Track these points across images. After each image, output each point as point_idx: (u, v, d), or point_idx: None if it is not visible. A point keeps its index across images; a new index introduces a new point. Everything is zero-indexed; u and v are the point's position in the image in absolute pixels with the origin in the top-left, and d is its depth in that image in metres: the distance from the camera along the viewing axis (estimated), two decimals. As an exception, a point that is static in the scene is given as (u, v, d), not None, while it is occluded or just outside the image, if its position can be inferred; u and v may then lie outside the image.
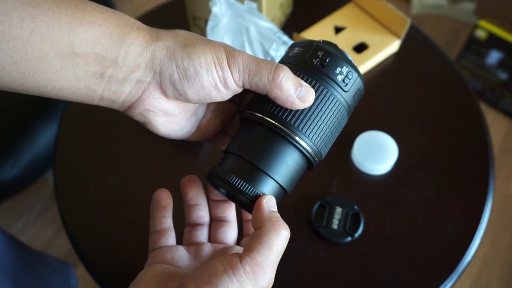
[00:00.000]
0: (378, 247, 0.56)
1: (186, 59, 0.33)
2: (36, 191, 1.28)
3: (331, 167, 0.61)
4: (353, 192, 0.60)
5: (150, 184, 0.62)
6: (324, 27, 0.73)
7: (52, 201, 1.26)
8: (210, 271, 0.31)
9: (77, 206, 0.60)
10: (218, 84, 0.34)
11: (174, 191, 0.60)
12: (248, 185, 0.34)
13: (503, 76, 1.40)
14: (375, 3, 0.72)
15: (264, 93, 0.35)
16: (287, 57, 0.38)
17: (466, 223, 0.58)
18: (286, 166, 0.36)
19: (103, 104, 0.35)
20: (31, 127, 0.88)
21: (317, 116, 0.36)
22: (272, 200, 0.35)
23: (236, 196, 0.35)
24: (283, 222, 0.33)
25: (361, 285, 0.53)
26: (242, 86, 0.35)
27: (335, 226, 0.56)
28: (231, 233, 0.42)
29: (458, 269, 0.55)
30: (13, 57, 0.31)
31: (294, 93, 0.34)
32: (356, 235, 0.56)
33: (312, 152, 0.36)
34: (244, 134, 0.37)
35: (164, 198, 0.41)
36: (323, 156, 0.38)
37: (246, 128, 0.37)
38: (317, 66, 0.36)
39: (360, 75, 0.38)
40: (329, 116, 0.36)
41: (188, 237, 0.42)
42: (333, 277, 0.54)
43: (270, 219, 0.33)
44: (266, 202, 0.34)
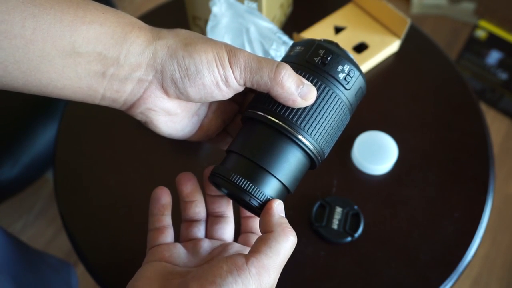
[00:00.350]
0: (378, 247, 0.56)
1: (188, 58, 0.33)
2: (36, 191, 1.28)
3: (331, 167, 0.61)
4: (353, 192, 0.60)
5: (150, 184, 0.61)
6: (324, 27, 0.73)
7: (52, 201, 1.26)
8: (215, 271, 0.31)
9: (77, 206, 0.60)
10: (220, 83, 0.34)
11: (174, 191, 0.60)
12: (252, 184, 0.34)
13: (503, 76, 1.40)
14: (375, 3, 0.72)
15: (266, 91, 0.35)
16: (289, 56, 0.38)
17: (466, 223, 0.58)
18: (289, 165, 0.35)
19: (105, 104, 0.35)
20: (31, 127, 0.88)
21: (319, 114, 0.35)
22: (282, 206, 0.35)
23: (239, 196, 0.35)
24: (292, 229, 0.33)
25: (361, 285, 0.53)
26: (244, 85, 0.35)
27: (335, 226, 0.56)
28: (228, 229, 0.42)
29: (458, 269, 0.55)
30: (15, 56, 0.31)
31: (296, 91, 0.34)
32: (356, 235, 0.56)
33: (315, 151, 0.36)
34: (247, 133, 0.37)
35: (163, 196, 0.41)
36: (326, 155, 0.38)
37: (248, 127, 0.37)
38: (319, 64, 0.36)
39: (362, 74, 0.37)
40: (332, 115, 0.36)
41: (185, 234, 0.41)
42: (333, 277, 0.54)
43: (281, 225, 0.33)
44: (277, 207, 0.34)
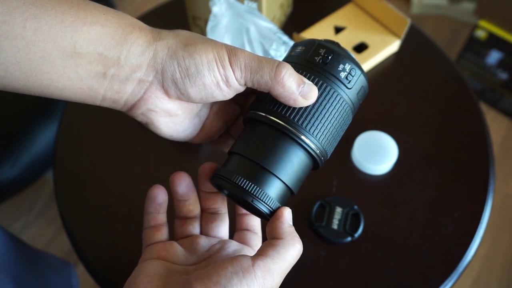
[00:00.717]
0: (378, 247, 0.56)
1: (188, 58, 0.33)
2: (36, 191, 1.28)
3: (331, 167, 0.61)
4: (353, 192, 0.60)
5: (150, 184, 0.61)
6: (324, 27, 0.73)
7: (52, 201, 1.26)
8: (219, 272, 0.31)
9: (77, 206, 0.60)
10: (220, 83, 0.34)
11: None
12: (255, 186, 0.34)
13: (503, 76, 1.40)
14: (375, 3, 0.72)
15: (267, 91, 0.35)
16: (290, 56, 0.38)
17: (466, 223, 0.58)
18: (292, 166, 0.35)
19: (106, 105, 0.35)
20: (31, 127, 0.88)
21: (321, 114, 0.35)
22: (291, 214, 0.35)
23: (242, 197, 0.34)
24: (299, 238, 0.34)
25: (361, 285, 0.53)
26: (245, 84, 0.35)
27: (335, 226, 0.56)
28: (224, 226, 0.42)
29: (458, 269, 0.55)
30: (16, 57, 0.31)
31: (297, 90, 0.34)
32: (356, 235, 0.56)
33: (318, 151, 0.35)
34: (248, 134, 0.36)
35: (160, 195, 0.41)
36: (329, 156, 0.37)
37: (250, 128, 0.37)
38: (320, 64, 0.36)
39: (364, 73, 0.37)
40: (334, 114, 0.36)
41: (180, 231, 0.41)
42: (333, 277, 0.54)
43: (290, 233, 0.34)
44: (287, 215, 0.35)
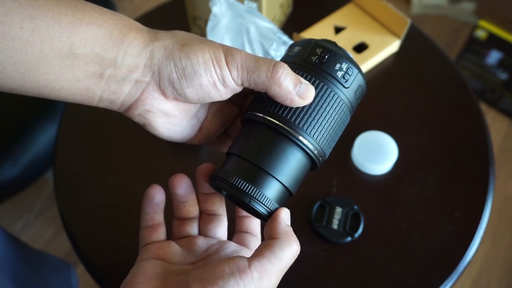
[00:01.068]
0: (378, 247, 0.56)
1: (184, 58, 0.33)
2: (36, 191, 1.28)
3: (331, 167, 0.61)
4: (353, 192, 0.60)
5: (150, 184, 0.62)
6: (324, 27, 0.73)
7: (52, 201, 1.26)
8: (216, 273, 0.31)
9: (77, 206, 0.60)
10: (217, 83, 0.34)
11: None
12: (253, 187, 0.34)
13: (503, 76, 1.40)
14: (375, 3, 0.72)
15: (264, 91, 0.35)
16: (287, 57, 0.38)
17: (466, 223, 0.58)
18: (290, 167, 0.35)
19: (102, 105, 0.35)
20: (31, 127, 0.88)
21: (318, 114, 0.35)
22: (289, 214, 0.35)
23: (240, 198, 0.34)
24: (296, 238, 0.34)
25: (361, 285, 0.53)
26: (241, 84, 0.35)
27: (335, 226, 0.56)
28: (222, 227, 0.42)
29: (458, 269, 0.55)
30: (13, 58, 0.31)
31: (294, 90, 0.34)
32: (356, 235, 0.56)
33: (316, 152, 0.35)
34: (246, 135, 0.36)
35: (157, 195, 0.41)
36: (327, 156, 0.37)
37: (248, 129, 0.37)
38: (316, 63, 0.36)
39: (361, 72, 0.37)
40: (331, 114, 0.35)
41: (178, 231, 0.41)
42: (333, 277, 0.54)
43: (286, 233, 0.33)
44: (284, 215, 0.35)
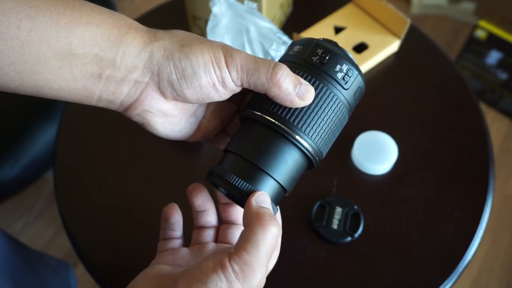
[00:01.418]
0: (378, 247, 0.56)
1: (184, 59, 0.33)
2: (36, 191, 1.28)
3: (331, 167, 0.61)
4: (353, 192, 0.60)
5: (150, 184, 0.62)
6: (324, 27, 0.73)
7: (52, 201, 1.26)
8: (202, 269, 0.31)
9: (77, 206, 0.60)
10: (216, 84, 0.34)
11: (174, 191, 0.60)
12: (247, 184, 0.34)
13: (503, 76, 1.40)
14: (375, 3, 0.72)
15: (263, 92, 0.35)
16: (287, 56, 0.38)
17: (466, 223, 0.58)
18: (286, 165, 0.35)
19: (101, 105, 0.35)
20: (31, 127, 0.88)
21: (317, 114, 0.35)
22: (263, 196, 0.33)
23: (235, 195, 0.35)
24: (272, 218, 0.32)
25: (361, 285, 0.53)
26: (241, 85, 0.35)
27: (335, 226, 0.56)
28: (238, 235, 0.41)
29: (458, 269, 0.55)
30: (11, 58, 0.31)
31: (293, 91, 0.34)
32: (356, 235, 0.56)
33: (313, 151, 0.36)
34: (244, 133, 0.37)
35: (173, 215, 0.41)
36: (324, 155, 0.38)
37: (246, 127, 0.37)
38: (317, 64, 0.36)
39: (361, 73, 0.37)
40: (330, 114, 0.36)
41: (195, 238, 0.42)
42: (333, 277, 0.54)
43: (257, 216, 0.31)
44: (256, 198, 0.33)
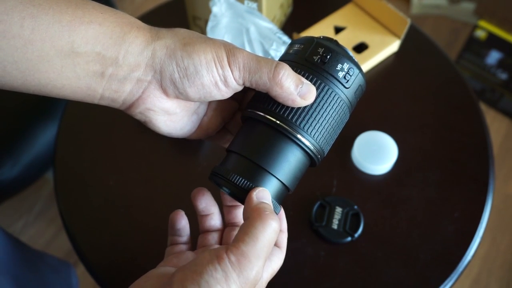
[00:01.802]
0: (378, 247, 0.56)
1: (186, 58, 0.33)
2: (36, 191, 1.28)
3: (331, 167, 0.61)
4: (353, 192, 0.60)
5: (150, 184, 0.62)
6: (324, 27, 0.73)
7: (52, 201, 1.26)
8: (197, 261, 0.31)
9: (77, 206, 0.60)
10: (219, 83, 0.34)
11: (174, 191, 0.60)
12: (251, 184, 0.34)
13: (503, 76, 1.40)
14: (375, 3, 0.72)
15: (265, 91, 0.35)
16: (288, 54, 0.38)
17: (466, 223, 0.58)
18: (289, 164, 0.35)
19: (104, 103, 0.35)
20: (31, 127, 0.88)
21: (319, 114, 0.35)
22: (263, 192, 0.34)
23: (239, 195, 0.35)
24: (272, 213, 0.32)
25: (361, 285, 0.53)
26: (243, 84, 0.35)
27: (335, 226, 0.56)
28: None
29: (458, 269, 0.55)
30: (14, 56, 0.31)
31: (295, 91, 0.34)
32: (356, 235, 0.56)
33: (314, 150, 0.36)
34: (246, 133, 0.37)
35: (178, 221, 0.41)
36: (326, 153, 0.38)
37: (248, 127, 0.37)
38: (318, 63, 0.36)
39: (361, 71, 0.37)
40: (331, 113, 0.36)
41: (201, 242, 0.42)
42: (333, 277, 0.54)
43: (257, 210, 0.32)
44: (256, 194, 0.33)
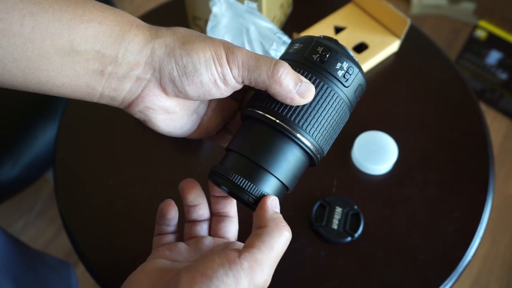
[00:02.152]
0: (378, 247, 0.56)
1: (185, 56, 0.34)
2: (36, 191, 1.28)
3: (331, 167, 0.61)
4: (353, 192, 0.60)
5: (150, 184, 0.62)
6: (324, 27, 0.73)
7: (52, 201, 1.26)
8: (206, 264, 0.31)
9: (77, 206, 0.60)
10: (218, 81, 0.34)
11: (174, 190, 0.60)
12: (250, 183, 0.34)
13: (503, 76, 1.40)
14: (375, 3, 0.72)
15: (264, 89, 0.35)
16: (288, 54, 0.38)
17: (466, 223, 0.58)
18: (288, 164, 0.35)
19: (103, 102, 0.36)
20: (31, 127, 0.88)
21: (318, 112, 0.35)
22: (276, 201, 0.35)
23: (238, 194, 0.35)
24: (286, 224, 0.33)
25: (361, 285, 0.53)
26: (242, 82, 0.35)
27: (335, 226, 0.56)
28: (232, 228, 0.41)
29: (458, 269, 0.55)
30: (14, 54, 0.31)
31: (294, 89, 0.34)
32: (356, 235, 0.56)
33: (314, 149, 0.36)
34: (245, 132, 0.37)
35: (170, 212, 0.41)
36: (325, 153, 0.38)
37: (247, 126, 0.37)
38: (317, 62, 0.36)
39: (361, 70, 0.37)
40: (330, 112, 0.36)
41: (188, 232, 0.42)
42: (333, 277, 0.54)
43: (274, 220, 0.33)
44: (271, 203, 0.34)
